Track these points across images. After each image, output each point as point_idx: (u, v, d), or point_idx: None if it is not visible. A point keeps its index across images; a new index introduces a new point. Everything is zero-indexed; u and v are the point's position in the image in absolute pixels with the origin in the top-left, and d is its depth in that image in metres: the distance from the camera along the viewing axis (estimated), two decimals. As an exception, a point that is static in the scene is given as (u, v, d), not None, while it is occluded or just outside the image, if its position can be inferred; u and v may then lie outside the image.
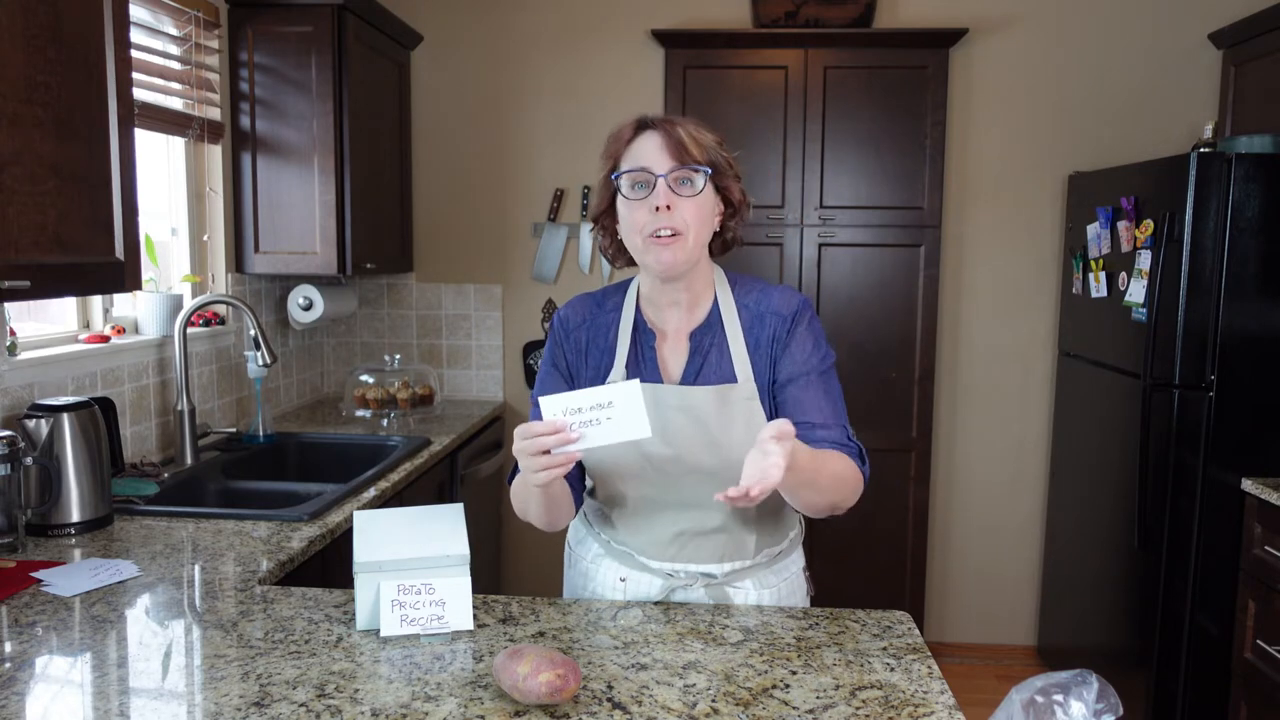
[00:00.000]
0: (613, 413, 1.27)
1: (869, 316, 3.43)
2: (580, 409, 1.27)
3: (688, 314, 1.52)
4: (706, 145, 1.45)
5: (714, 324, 1.52)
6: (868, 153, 3.37)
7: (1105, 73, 3.45)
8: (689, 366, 1.50)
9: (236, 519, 2.03)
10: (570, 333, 1.57)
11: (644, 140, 1.45)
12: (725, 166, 1.48)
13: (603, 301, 1.59)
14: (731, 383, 1.48)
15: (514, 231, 3.65)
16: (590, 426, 1.27)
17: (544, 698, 1.16)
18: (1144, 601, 2.81)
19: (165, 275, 2.80)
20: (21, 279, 1.55)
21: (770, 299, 1.52)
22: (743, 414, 1.46)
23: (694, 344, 1.51)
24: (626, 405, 1.27)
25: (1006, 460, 3.64)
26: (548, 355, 1.59)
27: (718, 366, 1.49)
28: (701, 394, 1.46)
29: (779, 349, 1.49)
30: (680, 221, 1.42)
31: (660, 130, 1.44)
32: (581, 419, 1.27)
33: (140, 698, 1.23)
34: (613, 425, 1.27)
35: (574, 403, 1.27)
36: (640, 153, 1.44)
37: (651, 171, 1.42)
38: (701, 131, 1.46)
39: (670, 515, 1.52)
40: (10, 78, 1.53)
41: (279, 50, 2.90)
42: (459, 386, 3.72)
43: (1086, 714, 1.10)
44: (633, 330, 1.53)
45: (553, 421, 1.27)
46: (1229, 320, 2.62)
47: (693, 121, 1.47)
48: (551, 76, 3.56)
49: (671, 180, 1.42)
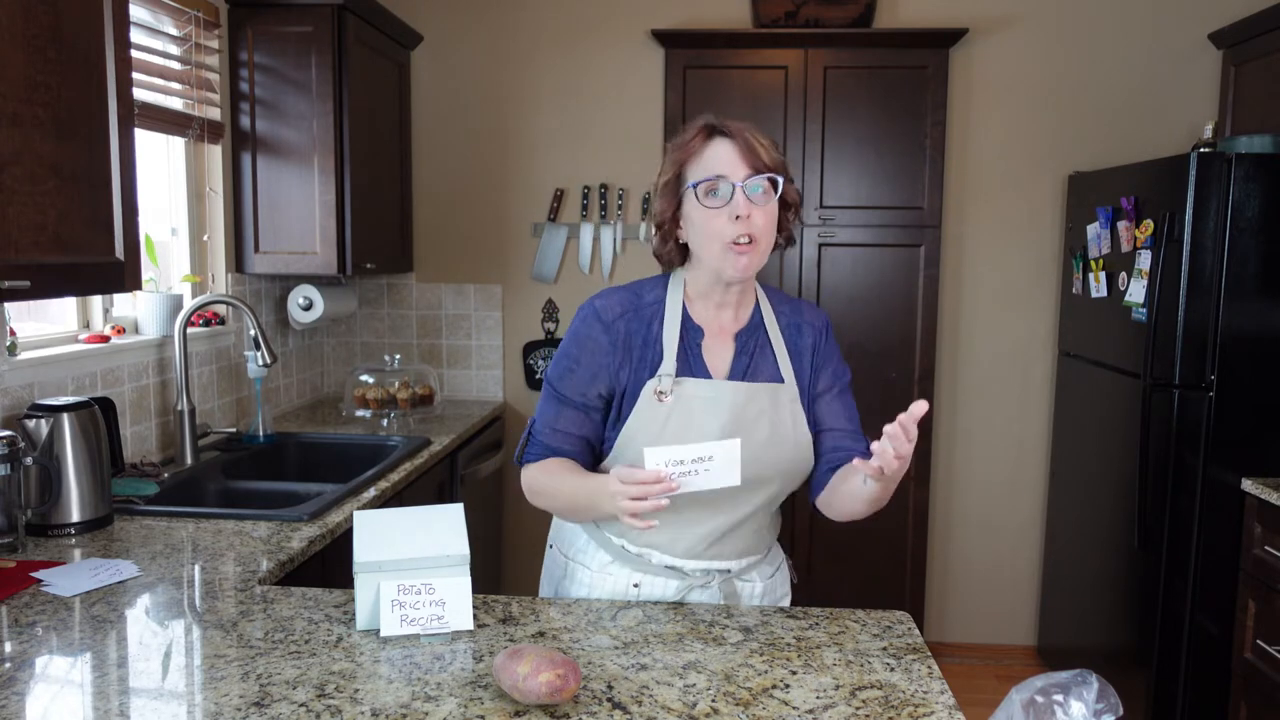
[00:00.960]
0: (711, 465, 1.34)
1: (869, 316, 3.43)
2: (683, 460, 1.34)
3: (735, 314, 1.56)
4: (770, 149, 1.48)
5: (758, 326, 1.57)
6: (868, 153, 3.37)
7: (1105, 73, 3.45)
8: (736, 364, 1.54)
9: (236, 519, 2.03)
10: (611, 323, 1.52)
11: (716, 147, 1.47)
12: (784, 169, 1.51)
13: (639, 294, 1.56)
14: (779, 383, 1.54)
15: (514, 231, 3.65)
16: (688, 476, 1.34)
17: (544, 698, 1.16)
18: (1144, 601, 2.81)
19: (165, 275, 2.80)
20: (21, 279, 1.55)
21: (802, 312, 1.61)
22: (789, 414, 1.53)
23: (739, 344, 1.56)
24: (726, 459, 1.35)
25: (1006, 460, 3.63)
26: (575, 346, 1.53)
27: (763, 366, 1.55)
28: (761, 390, 1.52)
29: (819, 360, 1.58)
30: (757, 228, 1.46)
31: (732, 138, 1.47)
32: (683, 470, 1.34)
33: (140, 698, 1.23)
34: (709, 475, 1.35)
35: (677, 455, 1.34)
36: (714, 160, 1.46)
37: (728, 179, 1.45)
38: (763, 135, 1.50)
39: (706, 514, 1.52)
40: (10, 78, 1.53)
41: (279, 50, 2.90)
42: (459, 386, 3.72)
43: (1086, 714, 1.10)
44: (680, 325, 1.53)
45: (656, 471, 1.33)
46: (1229, 320, 2.62)
47: (750, 125, 1.50)
48: (551, 76, 3.56)
49: (747, 188, 1.45)
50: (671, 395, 1.48)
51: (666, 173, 1.51)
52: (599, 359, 1.51)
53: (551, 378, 1.56)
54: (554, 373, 1.56)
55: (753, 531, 1.57)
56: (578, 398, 1.53)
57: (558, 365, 1.56)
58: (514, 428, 3.70)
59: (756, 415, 1.50)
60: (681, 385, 1.49)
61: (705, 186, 1.46)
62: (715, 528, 1.53)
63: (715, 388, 1.49)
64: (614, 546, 1.60)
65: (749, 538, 1.57)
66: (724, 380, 1.51)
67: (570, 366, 1.53)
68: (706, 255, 1.48)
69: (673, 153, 1.51)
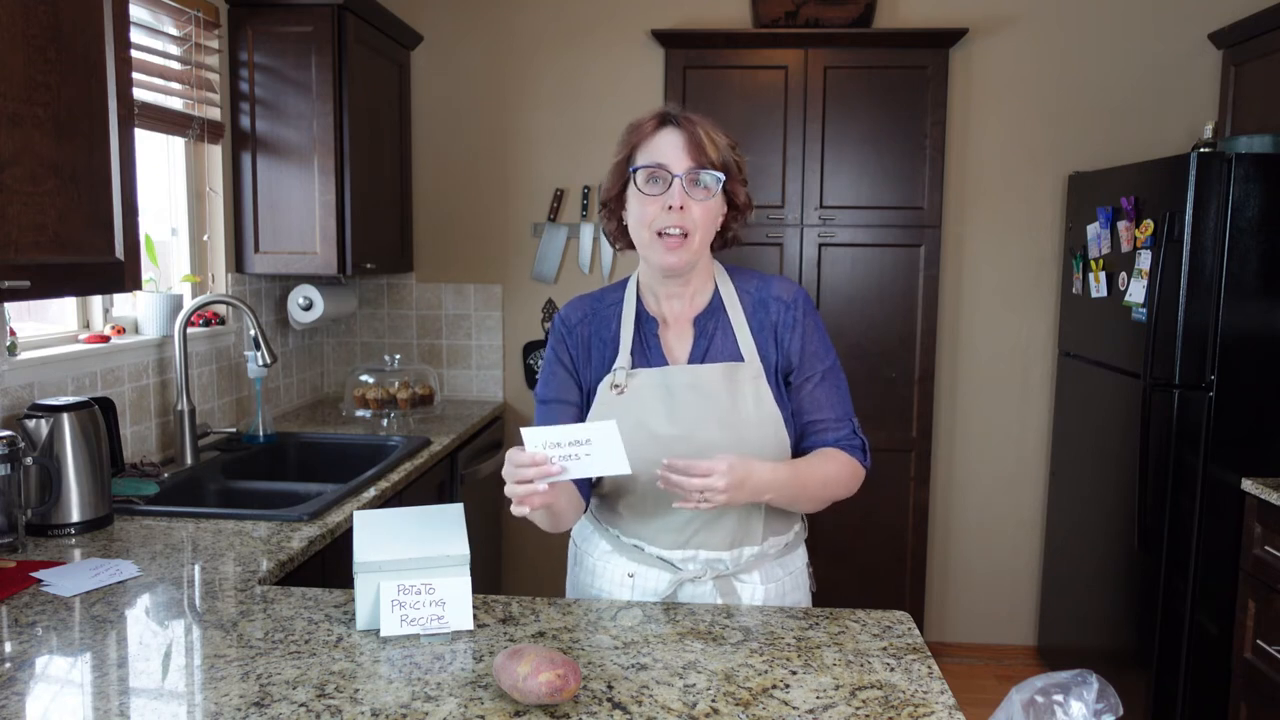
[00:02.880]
0: (591, 449, 1.32)
1: (869, 316, 3.43)
2: (560, 444, 1.32)
3: (689, 302, 1.57)
4: (721, 147, 1.48)
5: (716, 308, 1.57)
6: (868, 153, 3.37)
7: (1105, 73, 3.45)
8: (695, 349, 1.55)
9: (236, 519, 2.03)
10: (572, 329, 1.59)
11: (664, 136, 1.48)
12: (736, 170, 1.51)
13: (602, 298, 1.62)
14: (739, 361, 1.52)
15: (514, 231, 3.65)
16: (570, 460, 1.32)
17: (544, 698, 1.16)
18: (1144, 601, 2.81)
19: (165, 275, 2.80)
20: (21, 279, 1.55)
21: (770, 286, 1.58)
22: (751, 392, 1.51)
23: (698, 328, 1.56)
24: (604, 443, 1.32)
25: (1006, 460, 3.64)
26: (550, 354, 1.62)
27: (723, 347, 1.54)
28: (710, 371, 1.51)
29: (787, 335, 1.55)
30: (690, 222, 1.46)
31: (681, 128, 1.47)
32: (561, 453, 1.32)
33: (140, 698, 1.23)
34: (591, 461, 1.32)
35: (554, 437, 1.32)
36: (659, 148, 1.47)
37: (669, 170, 1.45)
38: (718, 133, 1.49)
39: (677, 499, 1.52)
40: (10, 78, 1.53)
41: (279, 50, 2.90)
42: (459, 386, 3.72)
43: (1086, 714, 1.10)
44: (635, 319, 1.57)
45: (534, 455, 1.31)
46: (1229, 320, 2.62)
47: (710, 122, 1.50)
48: (551, 76, 3.56)
49: (686, 181, 1.45)
50: (626, 388, 1.51)
51: (619, 153, 1.54)
52: (566, 364, 1.59)
53: (539, 389, 1.63)
54: (540, 383, 1.63)
55: (739, 519, 1.54)
56: (557, 401, 1.59)
57: (541, 377, 1.63)
58: (514, 428, 3.70)
59: (709, 396, 1.50)
60: (634, 376, 1.52)
61: (646, 173, 1.47)
62: (693, 515, 1.52)
63: (663, 374, 1.51)
64: (610, 536, 1.62)
65: (736, 526, 1.54)
66: (671, 365, 1.53)
67: (550, 372, 1.61)
68: (638, 241, 1.51)
69: (627, 134, 1.53)
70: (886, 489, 3.43)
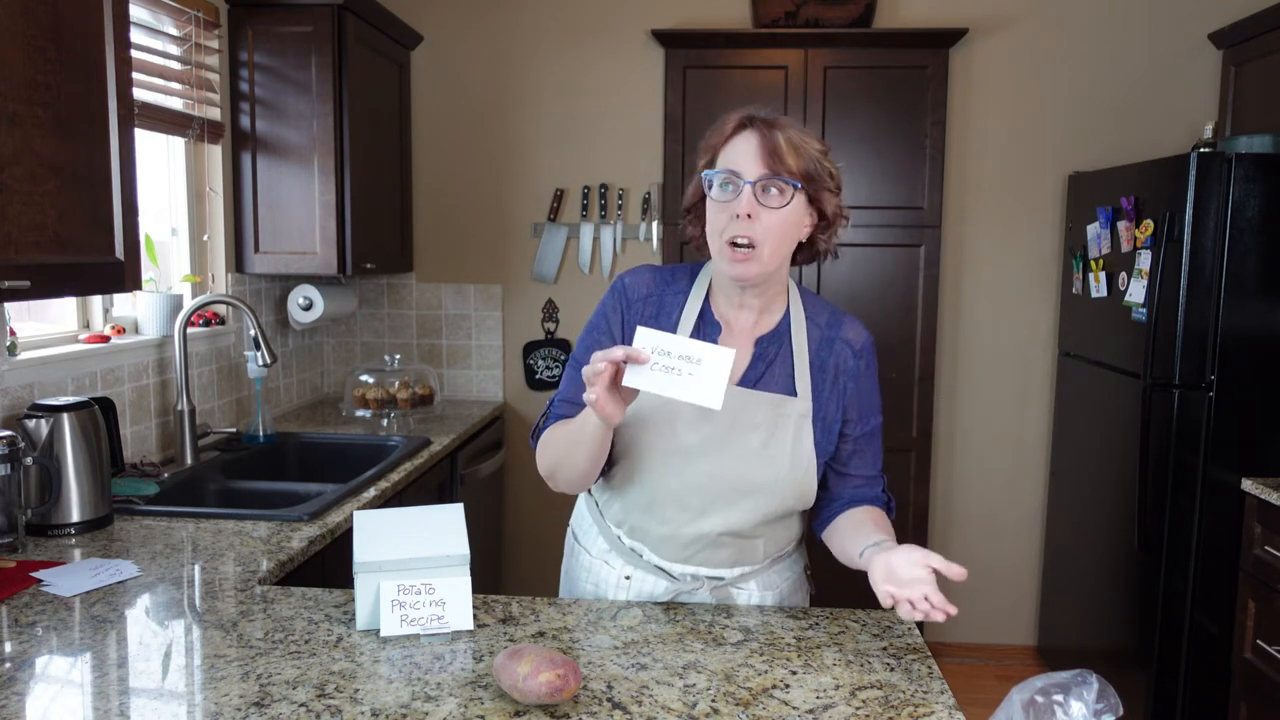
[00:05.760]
0: (697, 369, 1.24)
1: (869, 316, 3.42)
2: (670, 352, 1.25)
3: (757, 317, 1.50)
4: (805, 154, 1.39)
5: (782, 334, 1.50)
6: (868, 153, 3.37)
7: (1105, 73, 3.45)
8: (750, 371, 1.48)
9: (236, 519, 2.03)
10: (633, 303, 1.51)
11: (741, 140, 1.40)
12: (824, 178, 1.42)
13: (670, 280, 1.54)
14: (790, 395, 1.47)
15: (514, 231, 3.65)
16: (669, 373, 1.25)
17: (544, 698, 1.16)
18: (1144, 601, 2.81)
19: (165, 275, 2.80)
20: (21, 279, 1.55)
21: (841, 326, 1.52)
22: (793, 430, 1.45)
23: (759, 349, 1.49)
24: (713, 369, 1.24)
25: (1006, 460, 3.63)
26: (600, 317, 1.53)
27: (779, 377, 1.48)
28: (758, 399, 1.45)
29: (851, 384, 1.50)
30: (760, 232, 1.37)
31: (758, 132, 1.39)
32: (666, 362, 1.25)
33: (140, 698, 1.23)
34: (691, 381, 1.24)
35: (666, 344, 1.25)
36: (735, 153, 1.40)
37: (740, 176, 1.38)
38: (806, 139, 1.41)
39: (691, 515, 1.49)
40: (10, 78, 1.53)
41: (279, 50, 2.90)
42: (459, 386, 3.72)
43: (1086, 714, 1.10)
44: (698, 318, 1.50)
45: (636, 351, 1.24)
46: (1229, 320, 2.62)
47: (797, 125, 1.42)
48: (551, 76, 3.56)
49: (758, 189, 1.37)
50: None
51: (701, 156, 1.46)
52: (620, 332, 1.51)
53: (576, 350, 1.54)
54: (579, 345, 1.54)
55: (745, 545, 1.52)
56: None
57: (583, 338, 1.54)
58: (514, 428, 3.70)
59: (751, 425, 1.44)
60: None
61: (720, 179, 1.40)
62: (701, 533, 1.49)
63: None
64: (611, 535, 1.59)
65: (739, 550, 1.52)
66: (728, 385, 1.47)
67: (595, 339, 1.52)
68: (711, 249, 1.44)
69: (708, 137, 1.46)
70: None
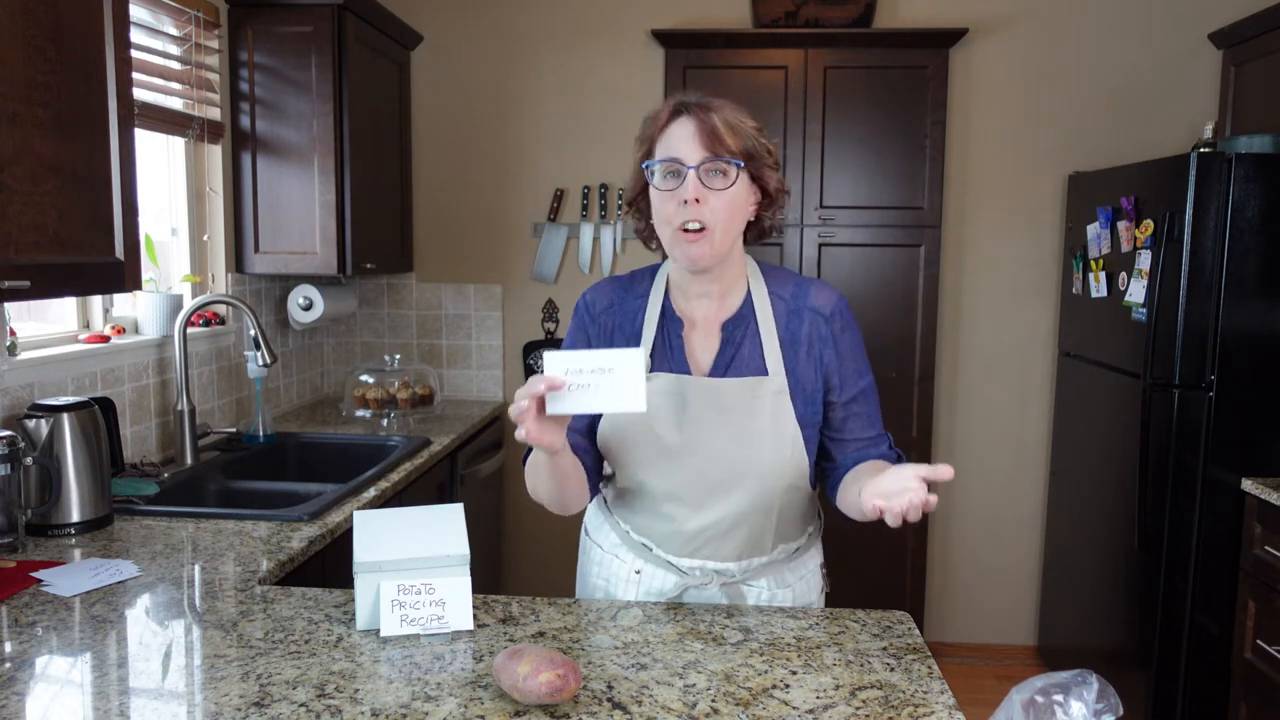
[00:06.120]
0: (612, 378, 1.25)
1: (869, 316, 3.43)
2: (582, 369, 1.26)
3: (719, 304, 1.50)
4: (743, 133, 1.39)
5: (746, 315, 1.49)
6: (868, 153, 3.37)
7: (1105, 73, 3.45)
8: (720, 357, 1.48)
9: (236, 519, 2.03)
10: (596, 317, 1.53)
11: (678, 127, 1.40)
12: (763, 154, 1.42)
13: (631, 286, 1.55)
14: (762, 375, 1.46)
15: (514, 231, 3.65)
16: (587, 390, 1.26)
17: (544, 698, 1.16)
18: (1144, 601, 2.81)
19: (165, 275, 2.80)
20: (21, 279, 1.55)
21: (807, 294, 1.50)
22: (771, 409, 1.45)
23: (726, 334, 1.49)
24: (627, 373, 1.25)
25: (1006, 460, 3.63)
26: (569, 340, 1.56)
27: (750, 358, 1.47)
28: (730, 386, 1.45)
29: (826, 352, 1.49)
30: (709, 215, 1.38)
31: (694, 117, 1.39)
32: (581, 380, 1.26)
33: (140, 698, 1.23)
34: (610, 391, 1.26)
35: (577, 363, 1.25)
36: (673, 141, 1.40)
37: (682, 162, 1.38)
38: (740, 118, 1.41)
39: (690, 510, 1.50)
40: (10, 78, 1.53)
41: (279, 50, 2.90)
42: (459, 386, 3.72)
43: (1086, 714, 1.10)
44: (660, 317, 1.50)
45: (552, 378, 1.25)
46: (1229, 320, 2.62)
47: (730, 106, 1.41)
48: (551, 76, 3.56)
49: (702, 172, 1.37)
50: None
51: (638, 149, 1.47)
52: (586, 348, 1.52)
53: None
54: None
55: (749, 534, 1.52)
56: None
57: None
58: (514, 428, 3.69)
59: (725, 411, 1.44)
60: (651, 380, 1.45)
61: (662, 168, 1.40)
62: (704, 524, 1.50)
63: (679, 382, 1.46)
64: (620, 530, 1.60)
65: (746, 540, 1.52)
66: (696, 377, 1.47)
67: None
68: (663, 239, 1.44)
69: (643, 128, 1.46)
70: (886, 489, 3.42)
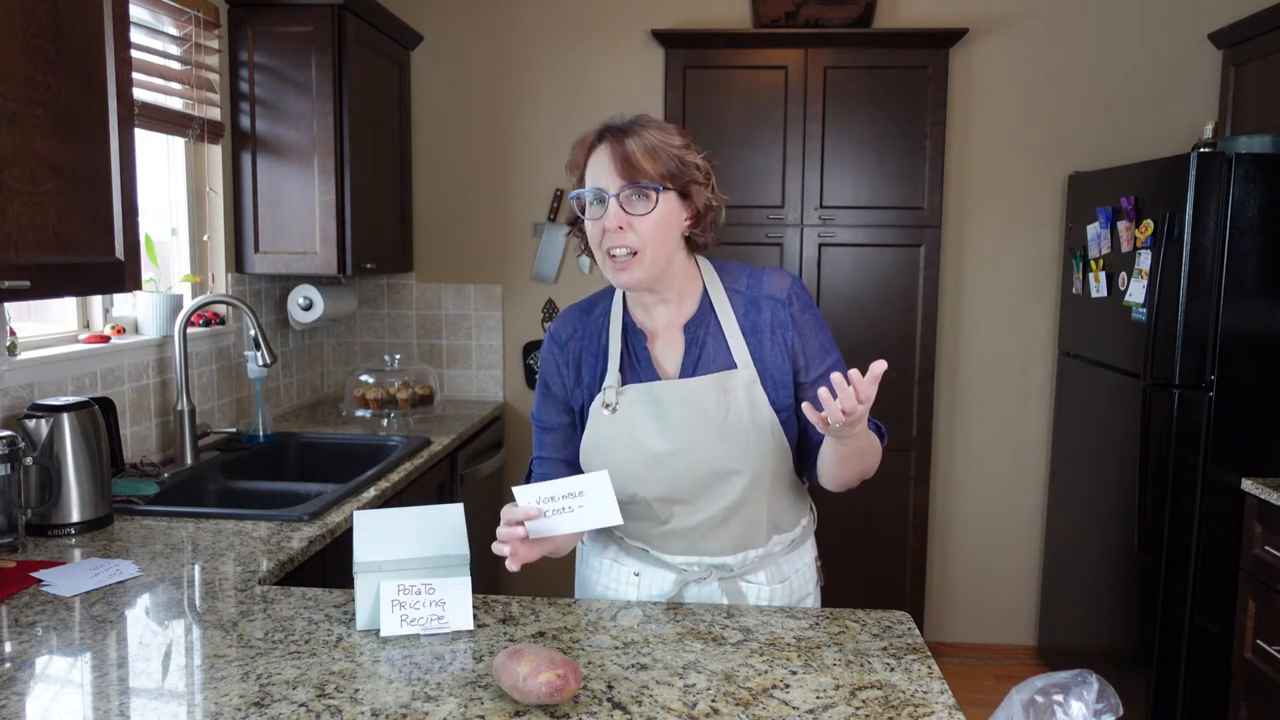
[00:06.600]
0: (584, 500, 1.34)
1: (869, 316, 3.43)
2: (554, 496, 1.34)
3: (676, 309, 1.52)
4: (663, 156, 1.39)
5: (706, 314, 1.51)
6: (868, 153, 3.37)
7: (1105, 73, 3.45)
8: (686, 359, 1.50)
9: (236, 519, 2.03)
10: (563, 346, 1.56)
11: (598, 154, 1.41)
12: (689, 172, 1.42)
13: (589, 309, 1.58)
14: (731, 369, 1.48)
15: (514, 231, 3.65)
16: (564, 514, 1.35)
17: (544, 698, 1.16)
18: (1144, 601, 2.81)
19: (165, 275, 2.80)
20: (21, 279, 1.55)
21: (762, 284, 1.51)
22: (745, 400, 1.47)
23: (689, 336, 1.51)
24: (597, 494, 1.34)
25: (1006, 460, 3.63)
26: (541, 375, 1.60)
27: (715, 355, 1.49)
28: (700, 384, 1.47)
29: (788, 335, 1.49)
30: (635, 240, 1.40)
31: (609, 145, 1.40)
32: (555, 506, 1.34)
33: (140, 698, 1.23)
34: (585, 512, 1.35)
35: (546, 492, 1.35)
36: (596, 169, 1.42)
37: (604, 191, 1.40)
38: (665, 137, 1.41)
39: (682, 509, 1.52)
40: (10, 78, 1.53)
41: (279, 50, 2.90)
42: (459, 386, 3.72)
43: (1086, 714, 1.10)
44: (623, 332, 1.53)
45: (527, 509, 1.34)
46: (1229, 320, 2.62)
47: (654, 126, 1.42)
48: (552, 76, 3.56)
49: (623, 199, 1.39)
50: (617, 406, 1.48)
51: (571, 175, 1.48)
52: (556, 389, 1.57)
53: (534, 409, 1.62)
54: (535, 404, 1.62)
55: (743, 526, 1.53)
56: (553, 421, 1.59)
57: (536, 399, 1.61)
58: (514, 427, 3.70)
59: (701, 409, 1.46)
60: (624, 393, 1.49)
61: (589, 197, 1.42)
62: (695, 522, 1.52)
63: (650, 390, 1.47)
64: (616, 537, 1.62)
65: (740, 533, 1.54)
66: (661, 381, 1.48)
67: (543, 393, 1.60)
68: (597, 261, 1.46)
69: (573, 154, 1.47)
70: (886, 489, 3.42)
